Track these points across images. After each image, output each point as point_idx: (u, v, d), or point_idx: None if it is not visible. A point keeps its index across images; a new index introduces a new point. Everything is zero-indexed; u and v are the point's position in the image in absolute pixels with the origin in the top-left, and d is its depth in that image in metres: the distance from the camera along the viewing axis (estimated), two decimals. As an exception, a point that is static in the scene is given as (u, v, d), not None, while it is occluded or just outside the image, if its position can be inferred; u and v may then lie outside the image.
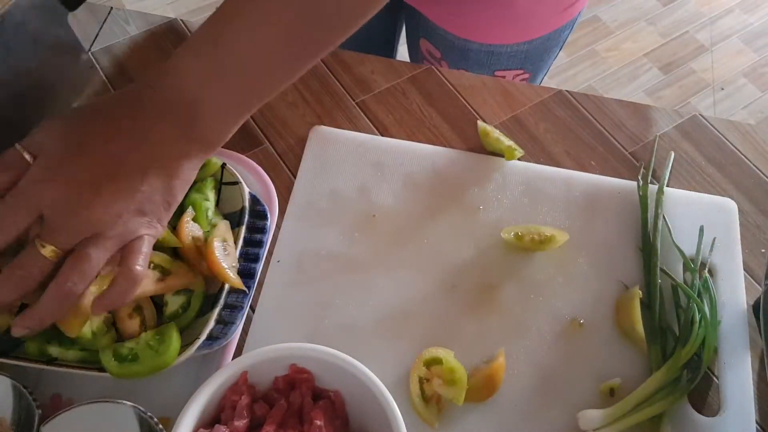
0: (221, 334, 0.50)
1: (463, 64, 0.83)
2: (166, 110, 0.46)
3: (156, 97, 0.46)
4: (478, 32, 0.79)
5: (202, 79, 0.47)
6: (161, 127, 0.46)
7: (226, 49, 0.47)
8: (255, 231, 0.56)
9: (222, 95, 0.47)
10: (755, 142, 0.70)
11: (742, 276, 0.60)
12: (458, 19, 0.78)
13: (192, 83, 0.47)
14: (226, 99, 0.48)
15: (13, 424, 0.48)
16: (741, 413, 0.53)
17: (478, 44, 0.80)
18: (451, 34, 0.80)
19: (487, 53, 0.80)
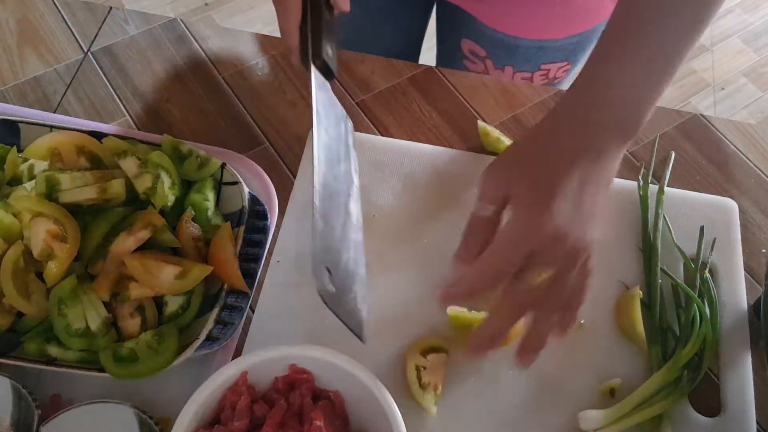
0: (221, 334, 0.50)
1: (509, 61, 0.83)
2: (614, 124, 0.49)
3: (603, 116, 0.48)
4: (531, 29, 0.79)
5: (640, 79, 0.49)
6: (613, 145, 0.48)
7: (653, 46, 0.49)
8: (255, 231, 0.56)
9: (654, 88, 0.49)
10: (756, 142, 0.70)
11: (742, 276, 0.60)
12: (512, 18, 0.78)
13: (632, 86, 0.49)
14: (656, 90, 0.49)
15: (12, 425, 0.48)
16: (741, 413, 0.53)
17: (528, 40, 0.80)
18: (501, 33, 0.80)
19: (536, 48, 0.80)
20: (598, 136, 0.49)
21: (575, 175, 0.47)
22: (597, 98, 0.49)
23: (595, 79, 0.50)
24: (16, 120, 0.59)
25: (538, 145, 0.50)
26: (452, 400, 0.53)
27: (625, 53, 0.49)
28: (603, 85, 0.49)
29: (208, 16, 2.03)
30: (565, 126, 0.50)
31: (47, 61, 0.73)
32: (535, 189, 0.48)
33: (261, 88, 0.72)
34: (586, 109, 0.49)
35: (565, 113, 0.50)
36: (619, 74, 0.49)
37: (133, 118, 0.69)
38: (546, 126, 0.51)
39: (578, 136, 0.49)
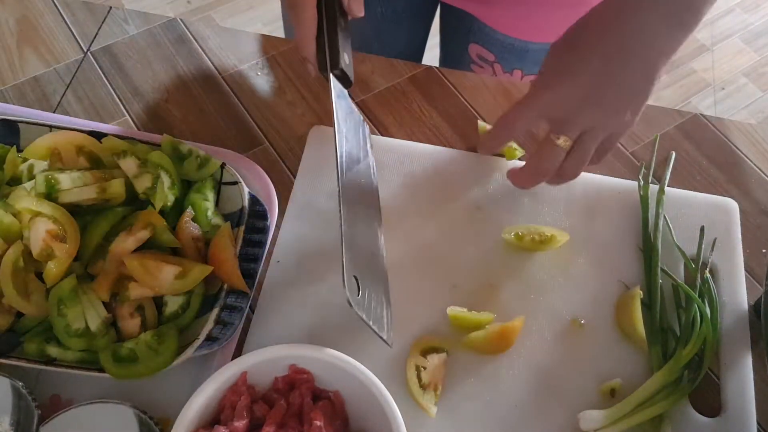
0: (220, 334, 0.50)
1: (518, 65, 0.83)
2: (668, 8, 0.50)
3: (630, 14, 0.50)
4: (543, 33, 0.79)
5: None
6: (661, 30, 0.50)
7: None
8: (255, 231, 0.56)
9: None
10: (756, 142, 0.70)
11: (743, 276, 0.60)
12: (525, 22, 0.78)
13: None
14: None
15: (12, 425, 0.48)
16: (742, 414, 0.53)
17: (538, 44, 0.80)
18: (510, 37, 0.80)
19: (546, 52, 0.80)
20: (655, 26, 0.50)
21: (618, 52, 0.50)
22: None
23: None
24: (16, 120, 0.58)
25: (593, 31, 0.52)
26: (452, 400, 0.53)
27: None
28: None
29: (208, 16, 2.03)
30: (624, 4, 0.50)
31: (47, 61, 0.73)
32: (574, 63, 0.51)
33: (261, 88, 0.72)
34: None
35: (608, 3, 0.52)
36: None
37: (132, 118, 0.69)
38: (595, 13, 0.52)
39: (636, 18, 0.50)
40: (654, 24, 0.50)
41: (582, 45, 0.51)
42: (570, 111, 0.51)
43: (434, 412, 0.52)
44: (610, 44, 0.50)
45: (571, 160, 0.54)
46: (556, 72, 0.52)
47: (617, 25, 0.50)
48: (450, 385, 0.54)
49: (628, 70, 0.50)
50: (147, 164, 0.56)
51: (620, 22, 0.50)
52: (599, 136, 0.53)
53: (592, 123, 0.52)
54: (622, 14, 0.50)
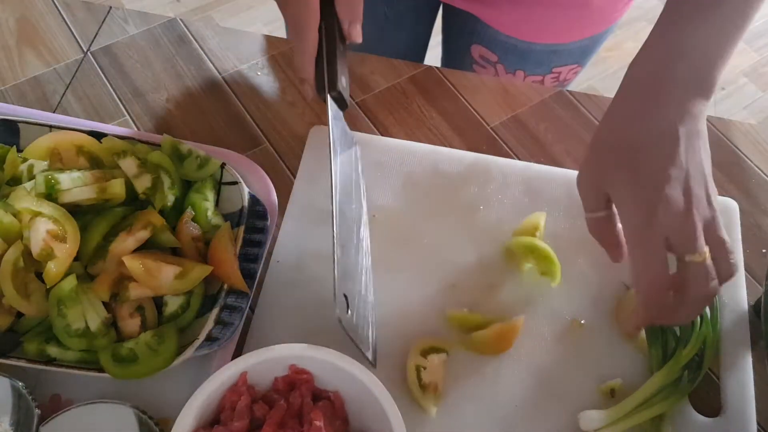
0: (220, 334, 0.50)
1: (521, 66, 0.83)
2: (686, 79, 0.48)
3: (668, 70, 0.48)
4: (546, 34, 0.79)
5: (715, 37, 0.49)
6: (691, 102, 0.48)
7: (728, 4, 0.49)
8: (254, 231, 0.56)
9: (729, 46, 0.49)
10: (756, 142, 0.70)
11: (743, 276, 0.60)
12: (528, 24, 0.78)
13: (708, 44, 0.49)
14: (725, 46, 0.49)
15: (12, 425, 0.48)
16: (742, 414, 0.53)
17: (541, 45, 0.80)
18: (513, 38, 0.80)
19: (548, 53, 0.80)
20: (679, 97, 0.48)
21: (668, 147, 0.47)
22: (670, 52, 0.48)
23: (665, 35, 0.49)
24: (16, 120, 0.58)
25: (622, 129, 0.49)
26: (452, 401, 0.53)
27: (699, 10, 0.48)
28: (675, 39, 0.48)
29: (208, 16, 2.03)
30: (642, 96, 0.49)
31: (47, 61, 0.73)
32: (636, 185, 0.48)
33: (261, 88, 0.72)
34: (659, 66, 0.49)
35: (636, 78, 0.50)
36: (692, 29, 0.48)
37: (132, 118, 0.69)
38: (623, 103, 0.50)
39: (660, 103, 0.48)
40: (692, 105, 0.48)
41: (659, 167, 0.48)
42: (683, 223, 0.47)
43: (434, 413, 0.52)
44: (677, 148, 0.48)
45: (722, 262, 0.48)
46: (655, 199, 0.47)
47: (645, 122, 0.48)
48: (450, 386, 0.54)
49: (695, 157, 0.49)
50: (147, 164, 0.56)
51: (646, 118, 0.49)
52: (719, 225, 0.49)
53: (708, 225, 0.48)
54: (647, 112, 0.48)
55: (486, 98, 0.71)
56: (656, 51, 0.50)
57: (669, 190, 0.46)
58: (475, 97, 0.71)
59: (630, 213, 0.48)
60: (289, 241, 0.61)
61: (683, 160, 0.47)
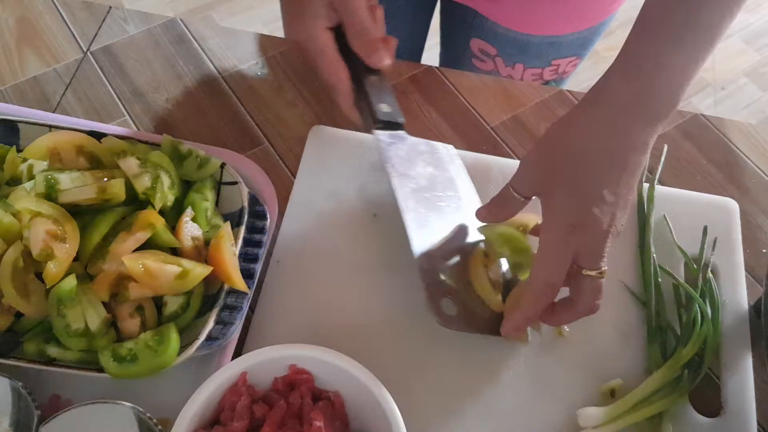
0: (220, 334, 0.50)
1: (520, 58, 0.83)
2: (656, 113, 0.49)
3: (639, 106, 0.48)
4: (544, 26, 0.79)
5: (684, 67, 0.48)
6: (649, 134, 0.49)
7: (700, 31, 0.49)
8: (254, 231, 0.56)
9: (693, 73, 0.49)
10: (756, 142, 0.70)
11: (743, 276, 0.60)
12: (526, 15, 0.78)
13: (678, 74, 0.48)
14: (694, 73, 0.49)
15: (12, 425, 0.48)
16: (742, 414, 0.53)
17: (540, 37, 0.80)
18: (513, 31, 0.79)
19: (547, 45, 0.80)
20: (638, 129, 0.48)
21: (614, 174, 0.48)
22: (645, 86, 0.48)
23: (642, 65, 0.48)
24: (16, 120, 0.58)
25: (574, 139, 0.50)
26: (452, 400, 0.53)
27: (675, 35, 0.48)
28: (651, 70, 0.48)
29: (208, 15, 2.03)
30: (603, 117, 0.49)
31: (46, 61, 0.73)
32: (571, 196, 0.49)
33: (261, 88, 0.72)
34: (631, 100, 0.48)
35: (602, 96, 0.50)
36: (669, 59, 0.48)
37: (132, 118, 0.69)
38: (584, 115, 0.50)
39: (619, 131, 0.49)
40: (644, 132, 0.49)
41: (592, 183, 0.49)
42: (597, 243, 0.49)
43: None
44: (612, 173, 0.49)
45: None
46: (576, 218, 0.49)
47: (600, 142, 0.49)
48: (450, 385, 0.54)
49: (629, 186, 0.49)
50: (147, 164, 0.56)
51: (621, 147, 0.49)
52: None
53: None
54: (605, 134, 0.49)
55: (486, 98, 0.71)
56: (628, 74, 0.49)
57: (598, 212, 0.48)
58: (475, 97, 0.71)
59: (555, 217, 0.49)
60: (289, 241, 0.61)
61: (620, 191, 0.49)
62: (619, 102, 0.49)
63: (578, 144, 0.49)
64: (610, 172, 0.49)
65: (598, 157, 0.49)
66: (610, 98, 0.49)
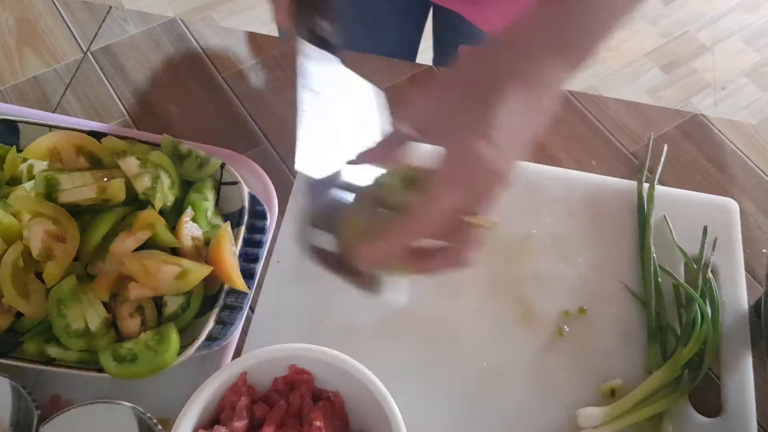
0: (220, 334, 0.50)
1: None
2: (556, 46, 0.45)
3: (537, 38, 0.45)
4: None
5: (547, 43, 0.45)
6: (551, 70, 0.45)
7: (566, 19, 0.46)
8: (254, 231, 0.56)
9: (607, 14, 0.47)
10: (756, 142, 0.70)
11: (743, 276, 0.60)
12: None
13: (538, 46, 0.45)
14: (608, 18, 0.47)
15: (12, 425, 0.48)
16: (742, 414, 0.53)
17: None
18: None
19: None
20: (539, 62, 0.45)
21: (505, 107, 0.43)
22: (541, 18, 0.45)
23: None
24: (16, 120, 0.58)
25: (465, 72, 0.46)
26: (452, 400, 0.53)
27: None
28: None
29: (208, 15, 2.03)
30: (500, 49, 0.45)
31: (46, 61, 0.73)
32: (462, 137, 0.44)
33: (261, 88, 0.72)
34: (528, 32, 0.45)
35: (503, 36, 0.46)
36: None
37: (132, 118, 0.69)
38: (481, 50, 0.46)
39: (515, 58, 0.44)
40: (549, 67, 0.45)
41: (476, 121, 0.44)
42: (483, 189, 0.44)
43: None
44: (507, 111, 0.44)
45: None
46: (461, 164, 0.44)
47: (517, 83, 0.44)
48: (449, 385, 0.54)
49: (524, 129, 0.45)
50: (147, 164, 0.56)
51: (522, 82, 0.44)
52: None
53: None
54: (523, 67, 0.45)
55: (486, 98, 0.71)
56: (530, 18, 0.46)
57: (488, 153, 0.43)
58: (475, 97, 0.71)
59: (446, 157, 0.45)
60: (289, 241, 0.60)
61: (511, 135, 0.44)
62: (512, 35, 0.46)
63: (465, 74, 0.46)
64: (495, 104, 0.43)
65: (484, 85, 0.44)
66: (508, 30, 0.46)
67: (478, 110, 0.44)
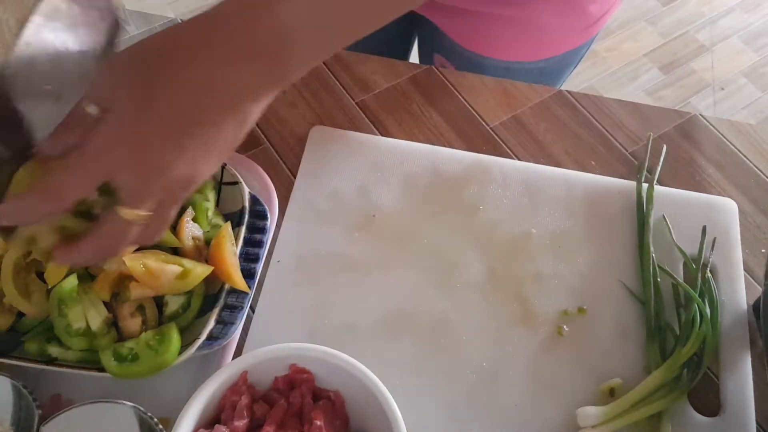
0: (221, 334, 0.50)
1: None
2: (254, 53, 0.41)
3: (242, 38, 0.41)
4: (498, 50, 0.78)
5: (301, 20, 0.42)
6: (244, 72, 0.41)
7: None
8: (255, 231, 0.56)
9: (317, 37, 0.43)
10: (755, 142, 0.70)
11: (742, 276, 0.60)
12: (478, 36, 0.77)
13: (290, 23, 0.41)
14: (319, 41, 0.44)
15: (13, 424, 0.48)
16: (741, 413, 0.53)
17: (495, 60, 0.79)
18: (468, 51, 0.79)
19: (503, 69, 0.79)
20: (246, 77, 0.41)
21: (191, 91, 0.39)
22: (261, 26, 0.40)
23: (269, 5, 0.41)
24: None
25: (161, 42, 0.40)
26: (452, 399, 0.54)
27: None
28: (275, 13, 0.40)
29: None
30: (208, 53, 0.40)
31: (47, 61, 0.73)
32: (135, 98, 0.39)
33: (261, 88, 0.72)
34: (243, 34, 0.40)
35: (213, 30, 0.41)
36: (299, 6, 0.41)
37: (133, 118, 0.69)
38: (183, 25, 0.41)
39: (224, 72, 0.40)
40: (245, 75, 0.41)
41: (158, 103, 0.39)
42: (145, 182, 0.40)
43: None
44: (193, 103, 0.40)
45: (148, 230, 0.42)
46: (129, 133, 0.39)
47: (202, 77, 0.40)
48: (449, 384, 0.54)
49: (216, 130, 0.41)
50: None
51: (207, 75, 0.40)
52: (179, 201, 0.43)
53: (171, 192, 0.41)
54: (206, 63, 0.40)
55: (486, 98, 0.72)
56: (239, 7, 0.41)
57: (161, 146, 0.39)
58: (475, 97, 0.72)
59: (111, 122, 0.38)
60: (289, 241, 0.61)
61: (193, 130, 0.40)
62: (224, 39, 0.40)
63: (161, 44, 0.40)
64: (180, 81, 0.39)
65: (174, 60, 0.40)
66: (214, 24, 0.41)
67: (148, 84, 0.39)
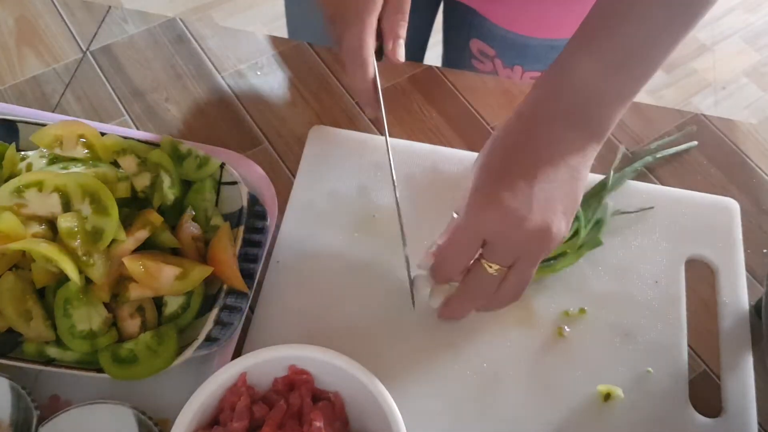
0: (220, 335, 0.50)
1: (518, 60, 0.82)
2: (572, 117, 0.48)
3: (559, 107, 0.48)
4: (543, 28, 0.78)
5: (601, 74, 0.48)
6: (570, 136, 0.48)
7: (618, 42, 0.48)
8: (254, 231, 0.56)
9: (619, 87, 0.49)
10: (757, 142, 0.69)
11: (743, 276, 0.60)
12: (525, 17, 0.77)
13: (592, 80, 0.48)
14: (621, 90, 0.49)
15: (11, 425, 0.48)
16: (742, 414, 0.53)
17: (540, 39, 0.79)
18: (512, 33, 0.79)
19: (547, 48, 0.80)
20: (563, 134, 0.48)
21: (536, 168, 0.47)
22: (563, 87, 0.48)
23: (564, 68, 0.49)
24: (15, 120, 0.58)
25: (501, 158, 0.49)
26: (452, 400, 0.53)
27: (599, 43, 0.48)
28: (569, 73, 0.48)
29: (208, 15, 2.03)
30: (530, 121, 0.49)
31: (46, 61, 0.73)
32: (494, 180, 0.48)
33: (261, 88, 0.72)
34: (550, 100, 0.49)
35: (530, 105, 0.50)
36: (588, 63, 0.48)
37: (132, 118, 0.69)
38: (514, 122, 0.50)
39: (543, 132, 0.48)
40: (561, 132, 0.48)
41: (503, 171, 0.48)
42: (504, 238, 0.47)
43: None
44: (528, 164, 0.48)
45: (508, 287, 0.50)
46: (486, 200, 0.48)
47: (530, 142, 0.48)
48: (449, 384, 0.54)
49: (553, 182, 0.48)
50: (146, 163, 0.56)
51: (532, 138, 0.49)
52: (537, 258, 0.49)
53: (528, 247, 0.48)
54: (532, 131, 0.49)
55: (486, 98, 0.71)
56: (544, 81, 0.50)
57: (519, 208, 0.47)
58: (475, 97, 0.71)
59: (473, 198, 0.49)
60: (289, 241, 0.60)
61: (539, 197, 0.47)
62: (538, 105, 0.49)
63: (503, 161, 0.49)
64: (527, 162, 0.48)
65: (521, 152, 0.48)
66: (533, 100, 0.50)
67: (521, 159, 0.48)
